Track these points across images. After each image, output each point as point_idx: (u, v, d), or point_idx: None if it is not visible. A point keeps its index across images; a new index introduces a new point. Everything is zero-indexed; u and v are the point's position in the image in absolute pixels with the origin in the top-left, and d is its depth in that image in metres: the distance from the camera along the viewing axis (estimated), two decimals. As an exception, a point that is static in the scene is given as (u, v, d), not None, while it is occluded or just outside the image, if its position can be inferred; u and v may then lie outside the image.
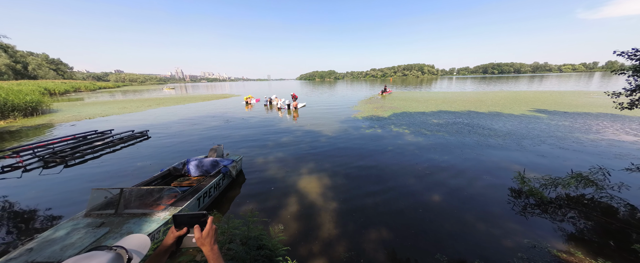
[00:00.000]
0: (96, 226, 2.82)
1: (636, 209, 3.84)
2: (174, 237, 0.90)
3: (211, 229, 0.91)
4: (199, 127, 11.70)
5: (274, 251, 2.21)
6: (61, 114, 16.74)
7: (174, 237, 0.90)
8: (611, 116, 11.23)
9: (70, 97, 36.46)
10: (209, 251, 0.87)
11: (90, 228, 2.80)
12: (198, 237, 0.88)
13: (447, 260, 2.95)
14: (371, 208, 4.18)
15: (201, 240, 0.88)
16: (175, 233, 0.91)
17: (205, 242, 0.88)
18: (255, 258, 2.02)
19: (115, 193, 3.30)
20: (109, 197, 3.33)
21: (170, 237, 0.90)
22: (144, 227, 2.87)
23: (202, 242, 0.88)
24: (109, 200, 3.32)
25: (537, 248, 3.11)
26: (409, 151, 7.16)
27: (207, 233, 0.89)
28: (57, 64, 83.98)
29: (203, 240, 0.88)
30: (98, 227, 2.82)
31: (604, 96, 18.85)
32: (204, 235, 0.89)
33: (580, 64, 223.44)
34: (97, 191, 3.28)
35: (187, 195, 3.74)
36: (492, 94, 24.05)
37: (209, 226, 0.91)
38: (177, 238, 0.91)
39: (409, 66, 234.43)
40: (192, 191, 3.88)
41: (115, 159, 7.19)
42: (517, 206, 4.09)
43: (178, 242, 0.93)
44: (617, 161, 5.90)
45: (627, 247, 3.02)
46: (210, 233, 0.90)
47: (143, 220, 2.98)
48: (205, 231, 0.90)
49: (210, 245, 0.88)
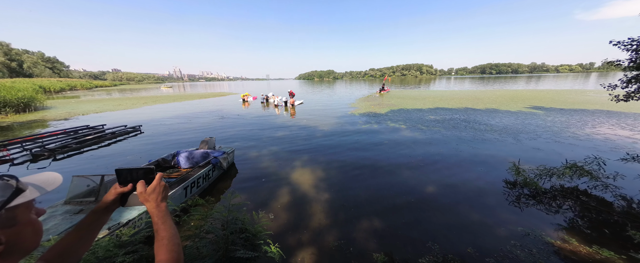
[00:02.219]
0: (74, 213, 2.71)
1: (631, 198, 3.79)
2: (115, 193, 0.80)
3: (158, 185, 0.81)
4: (194, 123, 11.57)
5: (255, 235, 2.12)
6: (54, 111, 16.51)
7: (116, 192, 0.80)
8: (607, 113, 11.24)
9: (65, 95, 36.11)
10: (154, 208, 0.77)
11: (67, 214, 2.69)
12: (141, 192, 0.78)
13: (439, 248, 2.86)
14: (364, 199, 4.09)
15: (145, 196, 0.78)
16: (118, 189, 0.81)
17: (149, 198, 0.78)
18: (234, 242, 1.92)
19: (96, 180, 3.19)
20: (90, 185, 3.21)
21: (112, 193, 0.80)
22: (124, 214, 2.76)
23: (146, 198, 0.78)
24: (91, 188, 3.20)
25: (531, 236, 3.04)
26: (404, 145, 7.09)
27: (153, 189, 0.80)
28: (53, 62, 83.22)
29: (147, 195, 0.78)
30: (76, 214, 2.71)
31: (600, 93, 18.92)
32: (149, 191, 0.79)
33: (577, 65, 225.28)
34: (77, 179, 3.17)
35: (173, 183, 3.63)
36: (490, 92, 24.09)
37: (156, 182, 0.81)
38: (120, 195, 0.81)
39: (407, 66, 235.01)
40: (179, 181, 3.77)
41: (105, 154, 7.05)
42: (511, 197, 4.02)
43: (122, 200, 0.83)
44: (613, 153, 5.88)
45: (622, 235, 2.96)
46: (156, 190, 0.80)
47: (124, 207, 2.87)
48: (151, 186, 0.80)
49: (156, 201, 0.78)
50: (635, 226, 3.05)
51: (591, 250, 2.77)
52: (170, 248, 0.70)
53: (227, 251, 1.77)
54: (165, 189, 0.83)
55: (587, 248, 2.80)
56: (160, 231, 0.73)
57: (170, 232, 0.74)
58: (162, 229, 0.74)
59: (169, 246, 0.70)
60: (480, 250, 2.81)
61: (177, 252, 0.71)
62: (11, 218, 0.48)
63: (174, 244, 0.72)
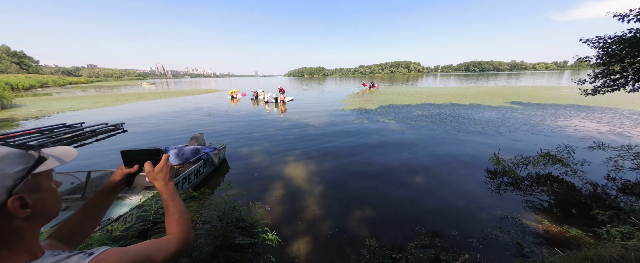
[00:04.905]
0: (61, 210, 2.60)
1: (596, 182, 4.18)
2: (122, 174, 0.82)
3: (165, 165, 0.84)
4: (180, 120, 11.22)
5: (253, 224, 2.16)
6: (25, 109, 15.36)
7: (122, 173, 0.82)
8: (577, 107, 12.13)
9: (36, 92, 33.57)
10: (162, 186, 0.81)
11: (52, 213, 2.58)
12: (149, 171, 0.81)
13: (425, 231, 3.04)
14: (355, 190, 4.22)
15: (153, 175, 0.81)
16: (124, 170, 0.83)
17: (157, 177, 0.81)
18: (232, 231, 1.96)
19: (82, 177, 3.07)
20: (75, 182, 3.09)
21: (118, 174, 0.82)
22: (113, 210, 2.69)
23: (154, 177, 0.81)
24: (76, 185, 3.08)
25: (509, 218, 3.29)
26: (394, 138, 7.31)
27: (160, 168, 0.82)
28: (20, 57, 76.76)
29: (155, 174, 0.81)
30: (62, 211, 2.60)
31: (571, 90, 20.30)
32: (157, 170, 0.82)
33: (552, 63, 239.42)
34: (60, 176, 3.03)
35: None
36: (473, 88, 25.15)
37: (163, 161, 0.84)
38: (126, 176, 0.83)
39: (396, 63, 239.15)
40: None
41: (86, 153, 6.71)
42: (492, 185, 4.30)
43: (129, 180, 0.85)
44: (581, 142, 6.40)
45: (587, 214, 3.27)
46: (164, 169, 0.83)
47: (113, 204, 2.80)
48: (159, 166, 0.83)
49: (164, 180, 0.81)
50: (599, 207, 3.38)
51: (562, 229, 3.06)
52: (182, 222, 0.74)
53: (226, 239, 1.80)
54: (171, 169, 0.86)
55: (558, 228, 3.08)
56: (170, 207, 0.77)
57: (179, 208, 0.77)
58: (172, 205, 0.77)
59: (180, 220, 0.74)
60: (464, 232, 3.02)
61: (187, 225, 0.75)
62: (36, 184, 0.51)
63: (185, 218, 0.76)
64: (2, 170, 0.44)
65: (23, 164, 0.48)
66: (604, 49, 5.02)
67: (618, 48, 4.76)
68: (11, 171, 0.46)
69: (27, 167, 0.48)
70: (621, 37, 4.66)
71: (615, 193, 3.87)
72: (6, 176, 0.45)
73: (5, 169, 0.45)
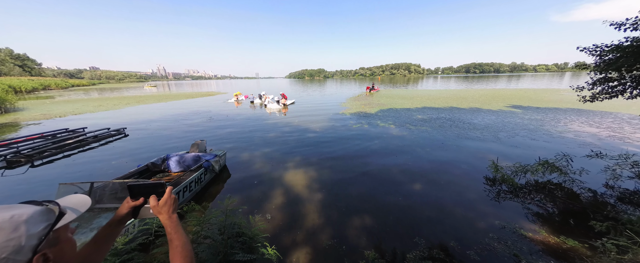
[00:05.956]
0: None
1: (594, 191, 4.20)
2: (128, 207, 0.87)
3: (169, 198, 0.89)
4: (182, 124, 11.29)
5: (252, 238, 2.20)
6: (28, 112, 15.51)
7: (129, 206, 0.87)
8: (577, 111, 12.13)
9: (38, 95, 33.86)
10: (166, 219, 0.85)
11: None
12: (154, 205, 0.86)
13: (424, 242, 3.06)
14: (354, 197, 4.25)
15: (157, 209, 0.86)
16: (130, 203, 0.88)
17: (162, 210, 0.86)
18: (232, 245, 2.00)
19: (85, 187, 3.12)
20: (78, 192, 3.13)
21: (125, 207, 0.87)
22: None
23: (159, 210, 0.86)
24: (79, 195, 3.12)
25: (507, 228, 3.31)
26: (393, 144, 7.34)
27: (164, 202, 0.87)
28: (23, 59, 77.42)
29: (159, 208, 0.86)
30: (65, 223, 2.65)
31: (572, 93, 20.30)
32: (161, 204, 0.86)
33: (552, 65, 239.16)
34: (65, 187, 3.08)
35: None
36: (473, 91, 25.17)
37: (167, 195, 0.89)
38: (132, 208, 0.88)
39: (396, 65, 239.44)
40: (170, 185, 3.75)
41: (88, 159, 6.78)
42: (491, 193, 4.32)
43: (134, 212, 0.90)
44: (580, 149, 6.41)
45: (585, 225, 3.29)
46: (168, 202, 0.87)
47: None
48: (163, 199, 0.87)
49: (168, 213, 0.86)
50: (597, 217, 3.40)
51: (559, 240, 3.07)
52: (185, 255, 0.79)
53: (226, 255, 1.84)
54: (175, 201, 0.91)
55: (555, 238, 3.10)
56: (174, 240, 0.81)
57: (182, 240, 0.82)
58: (176, 238, 0.82)
59: (183, 253, 0.79)
60: (462, 243, 3.04)
61: (190, 257, 0.80)
62: (56, 238, 0.56)
63: (187, 250, 0.80)
64: (28, 231, 0.49)
65: (46, 221, 0.53)
66: (601, 57, 5.07)
67: (615, 56, 4.81)
68: (36, 230, 0.50)
69: (49, 224, 0.53)
70: (618, 46, 4.70)
71: (613, 202, 3.89)
72: (32, 236, 0.49)
73: (31, 229, 0.50)
